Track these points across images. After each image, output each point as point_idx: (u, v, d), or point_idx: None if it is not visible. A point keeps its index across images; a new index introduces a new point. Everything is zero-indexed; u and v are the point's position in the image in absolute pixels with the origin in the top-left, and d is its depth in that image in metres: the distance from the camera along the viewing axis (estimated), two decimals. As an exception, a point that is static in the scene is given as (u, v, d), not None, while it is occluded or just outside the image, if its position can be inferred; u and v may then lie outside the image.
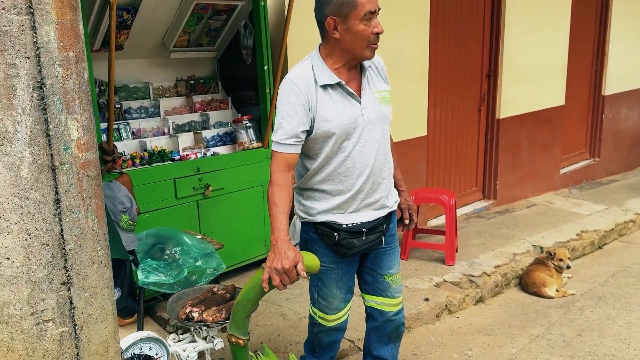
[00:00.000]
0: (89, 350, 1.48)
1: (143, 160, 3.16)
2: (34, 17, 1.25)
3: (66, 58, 1.33)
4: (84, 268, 1.43)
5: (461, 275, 3.76)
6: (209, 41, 3.68)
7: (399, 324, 2.31)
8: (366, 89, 2.01)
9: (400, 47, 4.37)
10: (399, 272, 2.26)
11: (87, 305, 1.46)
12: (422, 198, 4.06)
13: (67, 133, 1.35)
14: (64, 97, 1.33)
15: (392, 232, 2.21)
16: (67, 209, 1.37)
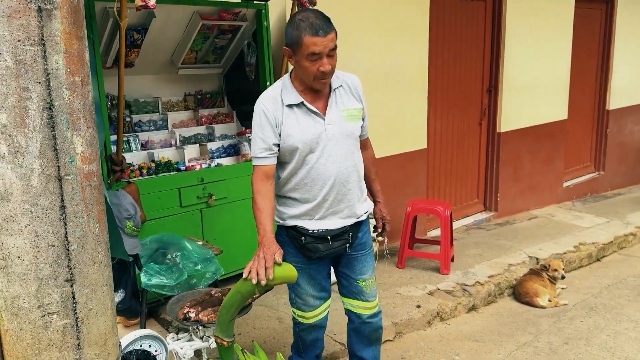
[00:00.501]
0: (89, 341, 1.65)
1: (150, 170, 3.35)
2: (45, 48, 1.44)
3: (73, 82, 1.52)
4: (85, 267, 1.61)
5: (455, 284, 3.88)
6: (215, 58, 3.88)
7: (376, 327, 2.47)
8: (332, 107, 2.18)
9: (399, 61, 4.54)
10: (373, 277, 2.40)
11: (88, 300, 1.63)
12: (418, 209, 4.20)
13: (73, 147, 1.53)
14: (70, 116, 1.52)
15: (363, 241, 2.35)
16: (71, 214, 1.55)
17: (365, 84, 4.27)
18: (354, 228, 2.30)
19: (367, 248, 2.38)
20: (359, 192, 2.29)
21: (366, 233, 2.39)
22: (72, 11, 1.49)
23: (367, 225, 2.40)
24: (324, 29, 2.06)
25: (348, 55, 4.17)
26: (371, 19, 4.30)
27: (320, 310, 2.42)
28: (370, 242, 2.42)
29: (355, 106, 2.24)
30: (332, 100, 2.19)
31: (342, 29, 4.09)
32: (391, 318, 3.32)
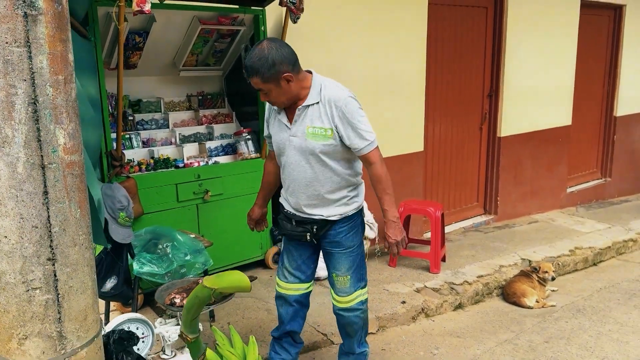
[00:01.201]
0: (69, 315, 1.82)
1: (149, 166, 3.54)
2: (31, 49, 1.61)
3: (56, 80, 1.69)
4: (66, 248, 1.78)
5: (443, 282, 3.98)
6: (216, 61, 4.06)
7: (348, 321, 2.62)
8: (298, 121, 2.40)
9: (395, 66, 4.67)
10: (347, 276, 2.55)
11: (69, 278, 1.80)
12: (410, 209, 4.31)
13: (55, 139, 1.70)
14: (53, 111, 1.69)
15: (337, 240, 2.52)
16: (53, 199, 1.72)
17: (361, 87, 4.45)
18: (321, 223, 2.50)
19: (343, 248, 2.53)
20: (324, 199, 2.46)
21: (342, 234, 2.53)
22: (56, 17, 1.67)
23: (344, 227, 2.52)
24: (248, 73, 2.32)
25: (343, 60, 4.32)
26: (367, 24, 4.44)
27: (291, 286, 2.69)
28: (349, 244, 2.54)
29: (322, 126, 2.35)
30: (301, 115, 2.39)
31: (337, 35, 4.28)
32: (375, 312, 3.44)
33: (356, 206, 2.56)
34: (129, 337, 2.29)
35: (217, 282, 2.02)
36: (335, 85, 2.43)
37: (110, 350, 2.18)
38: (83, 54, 2.76)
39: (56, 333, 1.80)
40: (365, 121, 2.39)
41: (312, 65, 4.19)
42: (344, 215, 2.51)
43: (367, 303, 2.71)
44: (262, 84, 2.29)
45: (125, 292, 2.85)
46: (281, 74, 2.26)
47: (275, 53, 2.24)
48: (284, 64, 2.26)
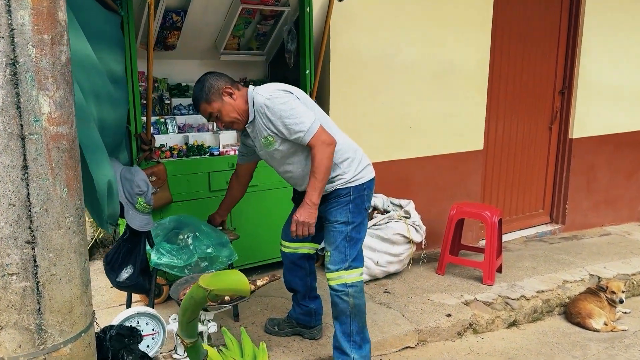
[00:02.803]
0: (51, 307, 1.62)
1: (181, 152, 3.36)
2: (10, 2, 1.41)
3: (40, 40, 1.49)
4: (49, 231, 1.58)
5: (496, 296, 3.57)
6: (259, 45, 3.84)
7: (332, 300, 2.58)
8: (256, 137, 2.55)
9: (454, 55, 4.28)
10: (328, 252, 2.58)
11: (51, 265, 1.60)
12: (463, 212, 3.91)
13: (38, 107, 1.50)
14: (36, 74, 1.49)
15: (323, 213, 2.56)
16: (34, 175, 1.52)
17: (414, 78, 4.11)
18: None
19: (327, 222, 2.59)
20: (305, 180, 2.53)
21: (328, 207, 2.57)
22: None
23: (330, 201, 2.55)
24: (195, 105, 2.57)
25: (394, 48, 3.99)
26: (422, 9, 4.08)
27: (284, 243, 2.88)
28: (332, 218, 2.56)
29: (267, 134, 2.46)
30: (253, 131, 2.54)
31: (389, 20, 3.95)
32: (415, 324, 3.10)
33: (342, 182, 2.54)
34: (130, 333, 2.09)
35: (213, 283, 1.77)
36: (260, 91, 2.47)
37: (106, 348, 1.98)
38: (107, 28, 2.61)
39: (35, 326, 1.61)
40: (294, 113, 2.38)
41: (359, 52, 3.92)
42: (327, 191, 2.54)
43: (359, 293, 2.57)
44: (209, 105, 2.48)
45: (141, 283, 2.67)
46: (221, 88, 2.46)
47: (210, 77, 2.50)
48: (220, 81, 2.48)
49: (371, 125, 4.00)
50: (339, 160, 2.52)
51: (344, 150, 2.55)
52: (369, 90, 3.95)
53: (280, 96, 2.41)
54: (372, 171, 2.65)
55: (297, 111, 2.37)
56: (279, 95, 2.41)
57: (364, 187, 2.57)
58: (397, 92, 4.08)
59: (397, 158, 4.17)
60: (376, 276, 3.69)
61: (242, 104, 2.48)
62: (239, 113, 2.49)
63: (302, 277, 2.91)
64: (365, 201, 2.60)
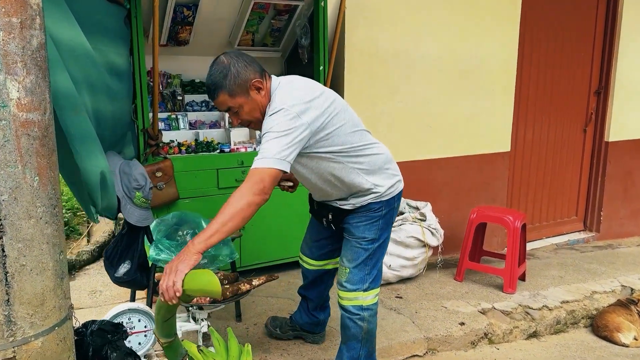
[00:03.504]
0: (20, 298, 1.57)
1: (189, 149, 3.32)
2: (-26, -17, 1.38)
3: (8, 23, 1.44)
4: (18, 220, 1.53)
5: (516, 305, 3.37)
6: (274, 41, 3.77)
7: (343, 322, 2.36)
8: None
9: (478, 52, 4.11)
10: (347, 268, 2.30)
11: (20, 255, 1.55)
12: (484, 216, 3.72)
13: (6, 92, 1.45)
14: (4, 58, 1.44)
15: (347, 227, 2.31)
16: (2, 162, 1.47)
17: (434, 75, 3.94)
18: (335, 211, 2.34)
19: (352, 237, 2.31)
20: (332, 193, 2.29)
21: (354, 222, 2.30)
22: (8, -54, 1.43)
23: (357, 215, 2.29)
24: (212, 92, 2.05)
25: (414, 43, 3.84)
26: (446, 3, 3.92)
27: (308, 260, 2.66)
28: (359, 234, 2.29)
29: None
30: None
31: (408, 14, 3.81)
32: (425, 332, 2.95)
33: (376, 195, 2.26)
34: (114, 329, 2.03)
35: (185, 283, 1.69)
36: (283, 92, 2.05)
37: (87, 343, 1.93)
38: (109, 20, 2.58)
39: (3, 317, 1.56)
40: (273, 136, 1.92)
41: (377, 47, 3.79)
42: (357, 205, 2.28)
43: (373, 317, 2.35)
44: (231, 99, 2.01)
45: (138, 279, 2.62)
46: (249, 81, 2.00)
47: (236, 62, 2.01)
48: (249, 71, 2.01)
49: (389, 123, 3.86)
50: (379, 172, 2.25)
51: (384, 160, 2.28)
52: (387, 87, 3.82)
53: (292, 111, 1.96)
54: (402, 182, 2.40)
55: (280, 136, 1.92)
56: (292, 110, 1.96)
57: (395, 200, 2.33)
58: (417, 89, 3.94)
59: (417, 158, 4.02)
60: (389, 280, 3.55)
61: (266, 100, 2.06)
62: (262, 112, 2.06)
63: (321, 290, 2.76)
64: (394, 215, 2.37)
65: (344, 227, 2.33)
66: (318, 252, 2.64)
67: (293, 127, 1.94)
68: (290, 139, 1.93)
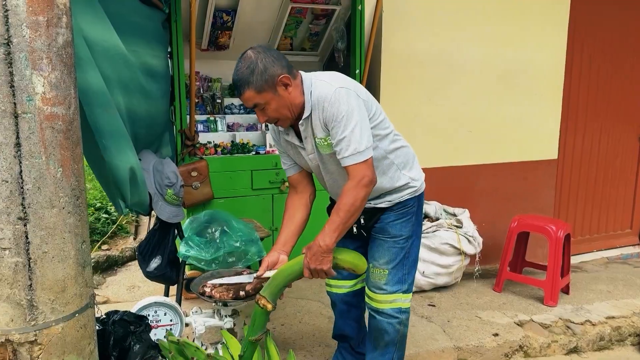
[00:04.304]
0: (43, 284, 1.65)
1: (225, 150, 3.39)
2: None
3: (35, 21, 1.53)
4: (41, 209, 1.61)
5: (556, 318, 3.22)
6: (312, 46, 3.80)
7: (378, 326, 2.23)
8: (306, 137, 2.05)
9: (524, 56, 3.98)
10: (384, 270, 2.18)
11: (43, 243, 1.63)
12: (525, 225, 3.58)
13: (32, 86, 1.54)
14: (30, 54, 1.53)
15: (381, 226, 2.20)
16: (27, 153, 1.56)
17: (475, 78, 3.85)
18: (369, 212, 2.20)
19: (388, 236, 2.19)
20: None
21: (390, 220, 2.20)
22: (36, -50, 1.51)
23: (393, 213, 2.18)
24: (238, 88, 1.96)
25: (454, 47, 3.77)
26: (484, 6, 3.83)
27: (335, 282, 2.44)
28: (396, 232, 2.18)
29: (322, 135, 1.99)
30: (306, 129, 2.02)
31: (448, 17, 3.74)
32: (455, 341, 2.86)
33: (410, 191, 2.19)
34: (137, 320, 2.09)
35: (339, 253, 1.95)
36: (323, 81, 1.98)
37: (108, 332, 2.00)
38: (146, 23, 2.68)
39: (26, 301, 1.64)
40: (353, 121, 1.87)
41: (414, 51, 3.74)
42: (394, 201, 2.19)
43: (408, 321, 2.26)
44: (257, 95, 1.92)
45: (168, 274, 2.69)
46: (276, 77, 1.90)
47: (263, 57, 1.92)
48: (276, 66, 1.91)
49: (426, 128, 3.80)
50: (409, 165, 2.20)
51: (412, 153, 2.23)
52: (424, 90, 3.76)
53: (352, 91, 1.92)
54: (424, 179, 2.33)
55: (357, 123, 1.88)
56: (350, 90, 1.92)
57: (422, 197, 2.26)
58: (456, 93, 3.86)
59: (455, 164, 3.93)
60: (422, 287, 3.48)
61: (297, 96, 1.96)
62: (290, 109, 1.98)
63: (357, 319, 2.49)
64: (422, 212, 2.30)
65: (377, 227, 2.21)
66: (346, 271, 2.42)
67: (359, 105, 1.92)
68: (364, 118, 1.92)
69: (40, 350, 1.70)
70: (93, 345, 1.88)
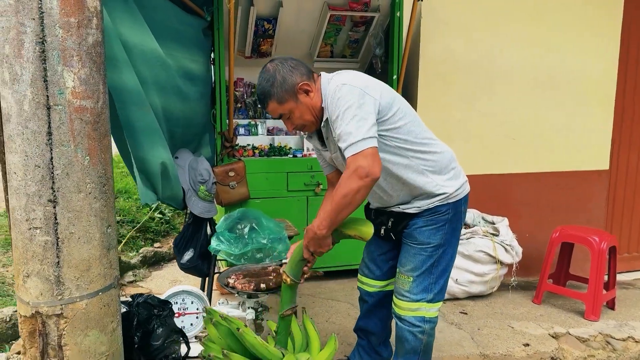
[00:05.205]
0: (69, 262, 1.80)
1: (262, 152, 3.51)
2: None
3: (67, 22, 1.70)
4: (69, 193, 1.77)
5: (596, 333, 3.08)
6: (352, 52, 3.87)
7: (400, 334, 2.17)
8: (328, 137, 2.07)
9: (572, 63, 3.86)
10: (409, 277, 2.13)
11: (70, 224, 1.78)
12: (567, 236, 3.45)
13: (62, 81, 1.71)
14: (62, 52, 1.70)
15: (410, 232, 2.16)
16: (57, 141, 1.72)
17: (518, 84, 3.78)
18: (398, 216, 2.19)
19: (415, 242, 2.15)
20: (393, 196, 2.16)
21: (419, 230, 2.14)
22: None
23: (422, 219, 2.13)
24: (262, 102, 2.02)
25: (492, 53, 3.73)
26: (529, 9, 3.75)
27: (366, 280, 2.45)
28: (423, 239, 2.13)
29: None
30: (327, 130, 2.04)
31: (486, 22, 3.70)
32: (482, 348, 2.81)
33: (442, 197, 2.11)
34: (160, 305, 2.22)
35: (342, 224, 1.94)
36: (332, 80, 1.99)
37: (132, 314, 2.13)
38: (186, 29, 2.85)
39: (54, 277, 1.80)
40: (350, 114, 1.84)
41: (453, 56, 3.73)
42: (422, 208, 2.13)
43: (433, 330, 2.19)
44: (280, 106, 1.98)
45: (199, 266, 2.83)
46: (296, 86, 1.95)
47: (281, 68, 1.97)
48: (295, 75, 1.96)
49: (465, 134, 3.76)
50: (445, 171, 2.14)
51: (450, 158, 2.16)
52: (463, 96, 3.73)
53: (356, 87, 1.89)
54: (468, 184, 2.25)
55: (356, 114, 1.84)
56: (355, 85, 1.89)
57: (461, 204, 2.17)
58: (498, 99, 3.80)
59: (495, 172, 3.85)
60: (455, 295, 3.43)
61: (318, 100, 1.99)
62: (313, 114, 2.00)
63: (383, 318, 2.47)
64: (460, 220, 2.20)
65: (406, 232, 2.18)
66: (378, 270, 2.40)
67: (363, 102, 1.87)
68: (366, 112, 1.87)
69: (65, 323, 1.84)
70: (116, 324, 2.01)
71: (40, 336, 1.85)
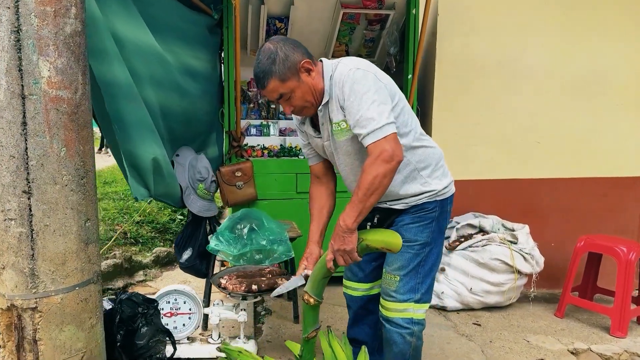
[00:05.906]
0: (44, 255, 1.77)
1: (271, 152, 3.44)
2: (15, -23, 1.63)
3: (43, 12, 1.68)
4: (44, 184, 1.74)
5: (622, 350, 2.84)
6: (368, 52, 3.77)
7: (388, 337, 2.07)
8: (323, 123, 1.99)
9: (602, 65, 3.64)
10: (396, 276, 2.04)
11: (45, 216, 1.76)
12: (592, 245, 3.22)
13: (38, 70, 1.69)
14: (37, 41, 1.68)
15: (398, 231, 2.00)
16: (32, 131, 1.70)
17: (544, 86, 3.59)
18: (384, 212, 2.11)
19: (405, 241, 2.01)
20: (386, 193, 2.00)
21: (406, 227, 2.06)
22: (44, -54, 1.66)
23: (409, 215, 2.06)
24: (261, 81, 1.90)
25: (519, 54, 3.54)
26: (555, 9, 3.55)
27: (350, 284, 2.34)
28: (410, 237, 2.03)
29: (337, 119, 1.92)
30: (324, 115, 1.97)
31: (512, 24, 3.52)
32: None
33: (430, 194, 2.04)
34: (145, 303, 2.17)
35: (367, 234, 1.85)
36: (342, 63, 1.92)
37: (114, 310, 2.09)
38: (189, 26, 2.82)
39: (28, 269, 1.77)
40: (369, 99, 1.79)
41: (473, 56, 3.56)
42: (410, 204, 2.06)
43: (422, 333, 2.07)
44: (282, 84, 1.88)
45: (197, 266, 2.78)
46: (298, 63, 1.87)
47: (282, 45, 1.89)
48: (297, 53, 1.88)
49: (486, 137, 3.59)
50: (435, 167, 2.09)
51: (440, 155, 2.12)
52: (484, 98, 3.56)
53: (370, 72, 1.86)
54: (454, 185, 2.17)
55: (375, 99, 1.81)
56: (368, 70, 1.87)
57: (448, 203, 2.12)
58: (521, 101, 3.61)
59: (518, 177, 3.65)
60: (470, 305, 3.25)
61: (319, 81, 1.93)
62: (314, 95, 1.94)
63: (372, 325, 2.36)
64: (446, 220, 2.14)
65: (392, 229, 2.07)
66: (361, 272, 2.32)
67: (378, 87, 1.84)
68: (384, 97, 1.83)
69: (40, 317, 1.81)
70: (95, 320, 1.97)
71: (15, 330, 1.83)
